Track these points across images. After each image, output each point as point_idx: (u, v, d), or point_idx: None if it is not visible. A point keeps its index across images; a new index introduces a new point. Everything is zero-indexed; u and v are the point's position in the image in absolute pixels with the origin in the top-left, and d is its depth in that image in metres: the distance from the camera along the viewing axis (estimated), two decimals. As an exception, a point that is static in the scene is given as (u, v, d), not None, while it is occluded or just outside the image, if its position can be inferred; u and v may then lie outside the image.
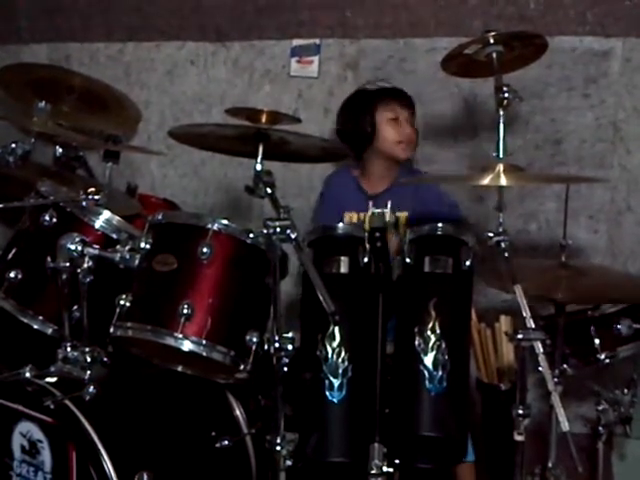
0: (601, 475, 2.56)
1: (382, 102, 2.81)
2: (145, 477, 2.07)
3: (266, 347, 1.97)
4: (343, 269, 2.19)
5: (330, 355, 2.12)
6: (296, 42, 3.36)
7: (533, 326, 1.91)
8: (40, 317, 2.32)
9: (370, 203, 2.81)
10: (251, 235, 2.16)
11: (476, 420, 2.76)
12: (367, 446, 2.06)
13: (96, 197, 2.32)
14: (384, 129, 2.80)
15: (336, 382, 2.10)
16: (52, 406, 2.09)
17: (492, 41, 2.15)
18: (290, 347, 1.93)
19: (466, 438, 2.21)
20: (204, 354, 2.09)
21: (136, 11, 3.55)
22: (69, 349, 2.22)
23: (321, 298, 1.88)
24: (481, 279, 2.42)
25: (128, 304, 2.14)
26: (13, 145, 2.71)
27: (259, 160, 2.08)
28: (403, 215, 2.79)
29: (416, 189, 2.82)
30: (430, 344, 2.11)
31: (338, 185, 2.95)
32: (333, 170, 3.05)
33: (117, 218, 2.35)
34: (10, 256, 2.38)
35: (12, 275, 2.31)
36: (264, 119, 2.10)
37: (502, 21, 3.05)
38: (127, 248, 2.19)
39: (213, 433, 2.32)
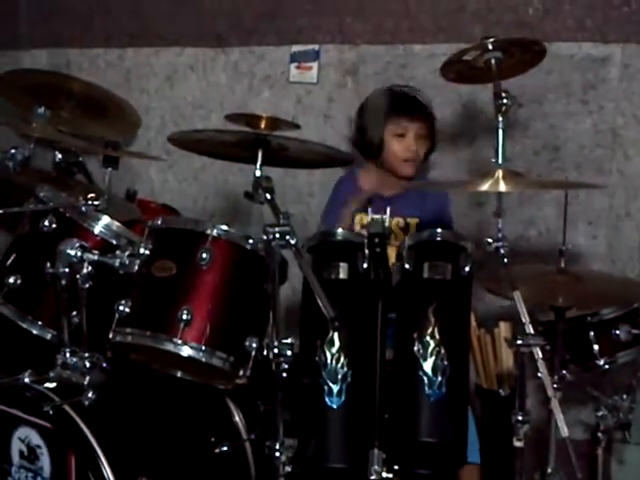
0: (600, 481, 2.56)
1: (391, 115, 2.77)
2: (144, 483, 2.08)
3: (265, 353, 1.98)
4: (342, 275, 2.19)
5: (329, 361, 2.12)
6: (295, 48, 3.36)
7: (532, 332, 1.91)
8: (39, 322, 2.32)
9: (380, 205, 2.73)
10: (250, 241, 2.16)
11: (475, 426, 2.75)
12: (366, 452, 2.06)
13: (95, 202, 2.32)
14: (390, 145, 2.78)
15: (335, 388, 2.10)
16: (51, 412, 2.10)
17: (491, 47, 2.15)
18: (289, 353, 1.93)
19: (465, 444, 2.20)
20: (203, 360, 2.09)
21: (136, 17, 3.56)
22: (68, 354, 2.22)
23: (320, 304, 1.88)
24: (480, 285, 2.42)
25: (127, 310, 2.14)
26: (13, 151, 2.70)
27: (258, 166, 2.09)
28: (414, 221, 2.77)
29: (424, 195, 2.81)
30: (429, 350, 2.11)
31: (352, 182, 2.91)
32: (343, 173, 3.03)
33: (116, 223, 2.35)
34: (9, 261, 2.38)
35: (11, 280, 2.31)
36: (263, 125, 2.10)
37: (501, 27, 3.05)
38: (126, 254, 2.19)
39: (212, 439, 2.32)
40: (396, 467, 2.08)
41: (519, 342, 1.91)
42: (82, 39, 3.64)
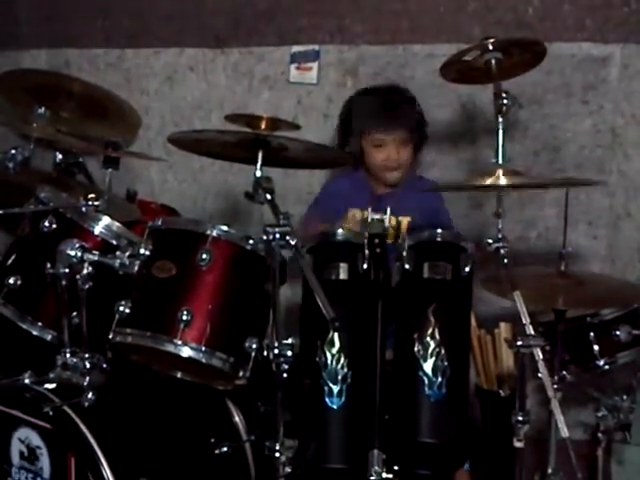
0: (600, 481, 2.56)
1: (367, 128, 2.75)
2: (144, 484, 2.08)
3: (265, 353, 1.98)
4: (342, 275, 2.19)
5: (330, 361, 2.12)
6: (295, 48, 3.36)
7: (532, 332, 1.91)
8: (39, 323, 2.32)
9: (374, 203, 2.69)
10: (251, 241, 2.16)
11: (475, 427, 2.75)
12: (366, 452, 2.06)
13: (96, 203, 2.32)
14: (370, 154, 2.76)
15: (335, 388, 2.10)
16: (51, 412, 2.10)
17: (491, 48, 2.15)
18: (289, 353, 1.93)
19: (465, 444, 2.20)
20: (203, 360, 2.09)
21: (136, 17, 3.56)
22: (68, 355, 2.22)
23: (320, 304, 1.88)
24: (481, 285, 2.42)
25: (127, 310, 2.14)
26: (13, 151, 2.72)
27: (259, 166, 2.08)
28: (405, 220, 2.74)
29: (419, 195, 2.76)
30: (429, 350, 2.11)
31: (345, 181, 2.91)
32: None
33: (117, 224, 2.35)
34: (9, 262, 2.38)
35: (11, 281, 2.31)
36: (263, 125, 2.10)
37: (501, 27, 3.05)
38: (126, 254, 2.19)
39: (212, 439, 2.32)
40: (396, 468, 2.07)
41: (519, 343, 1.91)
42: (82, 39, 3.63)
